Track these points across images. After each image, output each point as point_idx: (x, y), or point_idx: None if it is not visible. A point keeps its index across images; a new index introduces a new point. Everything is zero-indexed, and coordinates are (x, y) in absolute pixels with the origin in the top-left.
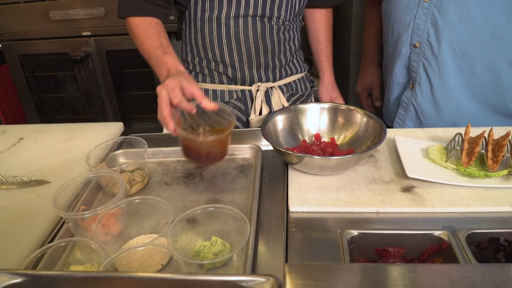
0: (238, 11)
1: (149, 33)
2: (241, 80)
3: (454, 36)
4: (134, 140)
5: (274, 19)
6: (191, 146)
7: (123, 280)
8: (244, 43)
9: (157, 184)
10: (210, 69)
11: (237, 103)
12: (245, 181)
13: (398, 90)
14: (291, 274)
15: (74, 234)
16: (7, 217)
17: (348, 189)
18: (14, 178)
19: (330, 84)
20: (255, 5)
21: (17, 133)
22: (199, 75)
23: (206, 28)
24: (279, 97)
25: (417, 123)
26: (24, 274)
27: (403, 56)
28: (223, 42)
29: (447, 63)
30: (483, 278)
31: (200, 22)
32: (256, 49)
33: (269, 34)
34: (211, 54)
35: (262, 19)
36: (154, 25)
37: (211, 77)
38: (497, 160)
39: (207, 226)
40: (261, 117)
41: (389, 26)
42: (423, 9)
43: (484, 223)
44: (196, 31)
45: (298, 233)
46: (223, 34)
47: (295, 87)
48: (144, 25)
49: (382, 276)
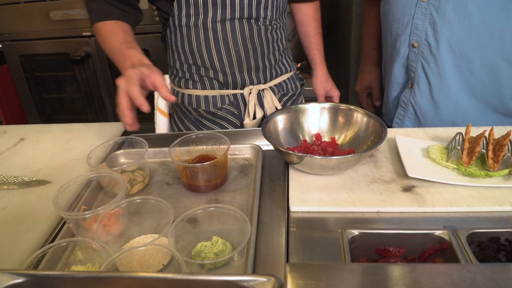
0: (224, 15)
1: (115, 30)
2: (233, 84)
3: (452, 35)
4: (135, 140)
5: (261, 20)
6: (191, 175)
7: (124, 280)
8: (233, 46)
9: (158, 184)
10: (200, 75)
11: (230, 108)
12: (245, 181)
13: (397, 89)
14: (292, 274)
15: (75, 234)
16: (8, 217)
17: (349, 189)
18: (15, 178)
19: (323, 76)
20: (241, 7)
21: (18, 133)
22: (189, 81)
23: (192, 34)
24: (271, 98)
25: (416, 123)
26: (25, 274)
27: (402, 56)
28: (212, 47)
29: (445, 63)
30: (484, 277)
31: (186, 29)
32: (246, 51)
33: (257, 35)
34: (200, 60)
35: (249, 21)
36: (121, 24)
37: (202, 83)
38: (497, 159)
39: (208, 226)
40: (256, 121)
41: (388, 26)
42: (421, 9)
43: (484, 222)
44: (183, 37)
45: (298, 233)
46: (211, 39)
47: (286, 87)
48: (111, 25)
49: (383, 276)
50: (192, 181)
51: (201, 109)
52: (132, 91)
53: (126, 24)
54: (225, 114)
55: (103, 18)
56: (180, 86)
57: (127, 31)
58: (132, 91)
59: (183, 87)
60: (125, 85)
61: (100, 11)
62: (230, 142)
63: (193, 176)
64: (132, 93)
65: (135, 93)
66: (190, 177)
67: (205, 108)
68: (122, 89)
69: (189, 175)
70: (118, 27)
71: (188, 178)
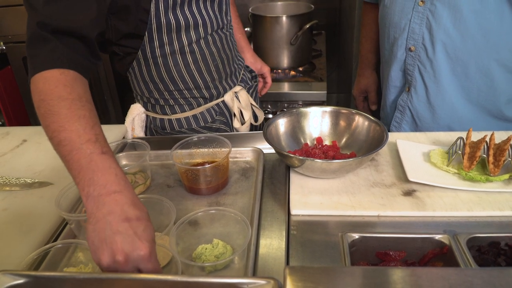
0: (198, 34)
1: (79, 113)
2: (216, 95)
3: (448, 39)
4: (137, 142)
5: (225, 27)
6: (192, 178)
7: (125, 281)
8: (211, 61)
9: (160, 186)
10: (185, 97)
11: (220, 118)
12: (246, 183)
13: (395, 93)
14: (292, 277)
15: (76, 235)
16: (10, 219)
17: (350, 193)
18: (17, 179)
19: (252, 57)
20: (210, 22)
21: (21, 135)
22: (174, 106)
23: (170, 62)
24: (246, 96)
25: (413, 126)
26: (26, 275)
27: (399, 59)
28: (192, 69)
29: (441, 67)
30: (482, 281)
31: (161, 58)
32: (222, 61)
33: (226, 43)
34: (182, 84)
35: (218, 31)
36: (83, 96)
37: (189, 104)
38: (498, 164)
39: (209, 229)
40: (247, 124)
41: (385, 30)
42: (418, 13)
43: (485, 227)
44: (158, 67)
45: (299, 236)
46: (190, 61)
47: (246, 80)
48: (66, 83)
49: (382, 279)
50: (194, 183)
51: (195, 127)
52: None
53: (85, 85)
54: (218, 125)
55: (56, 64)
56: (166, 113)
57: (93, 113)
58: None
59: (170, 114)
60: (108, 264)
61: (51, 56)
62: (232, 145)
63: (194, 179)
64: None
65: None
66: (191, 180)
67: (196, 125)
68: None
69: (190, 178)
70: (83, 107)
71: (189, 181)
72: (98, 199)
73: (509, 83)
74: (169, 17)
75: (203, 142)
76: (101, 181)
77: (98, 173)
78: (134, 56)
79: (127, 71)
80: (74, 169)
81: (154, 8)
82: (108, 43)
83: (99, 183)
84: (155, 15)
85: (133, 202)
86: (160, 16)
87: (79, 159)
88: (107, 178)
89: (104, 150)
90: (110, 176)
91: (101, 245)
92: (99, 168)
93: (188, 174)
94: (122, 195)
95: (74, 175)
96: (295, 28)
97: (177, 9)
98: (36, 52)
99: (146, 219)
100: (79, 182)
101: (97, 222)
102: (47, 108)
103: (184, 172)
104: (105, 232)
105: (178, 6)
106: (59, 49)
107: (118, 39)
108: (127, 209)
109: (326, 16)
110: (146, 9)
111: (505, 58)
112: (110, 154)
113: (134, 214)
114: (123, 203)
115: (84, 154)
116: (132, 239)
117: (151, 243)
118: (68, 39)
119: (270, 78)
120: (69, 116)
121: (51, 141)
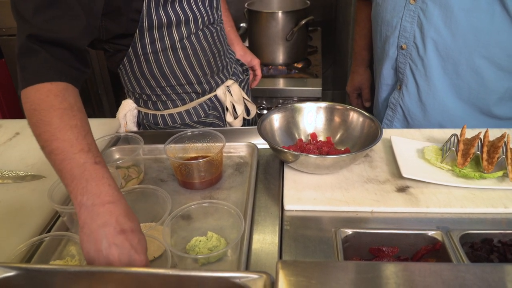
0: (189, 30)
1: (71, 123)
2: (209, 90)
3: (439, 38)
4: (130, 136)
5: (215, 22)
6: (185, 173)
7: (116, 274)
8: (203, 56)
9: (153, 180)
10: (177, 93)
11: (213, 113)
12: (240, 178)
13: (386, 91)
14: (284, 271)
15: (69, 228)
16: (2, 211)
17: (343, 188)
18: (9, 172)
19: (241, 50)
20: (201, 18)
21: (14, 128)
22: (167, 102)
23: (161, 58)
24: (238, 90)
25: (404, 124)
26: (17, 267)
27: (391, 57)
28: (184, 64)
29: (432, 65)
30: (475, 277)
31: (152, 55)
32: (213, 56)
33: (217, 37)
34: (175, 80)
35: (208, 26)
36: (75, 105)
37: (181, 100)
38: (492, 161)
39: (202, 223)
40: (240, 118)
41: (378, 27)
42: (409, 11)
43: (478, 224)
44: (150, 64)
45: (292, 231)
46: (181, 57)
47: (238, 74)
48: (59, 102)
49: (375, 274)
50: (187, 178)
51: (188, 122)
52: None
53: (76, 95)
54: (211, 119)
55: (46, 77)
56: (159, 109)
57: (85, 123)
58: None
59: (162, 109)
60: (115, 258)
61: (42, 69)
62: (226, 140)
63: (188, 173)
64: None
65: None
66: (185, 174)
67: (190, 120)
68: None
69: (184, 172)
70: (74, 116)
71: (183, 175)
72: (92, 209)
73: (499, 81)
74: (160, 14)
75: (197, 137)
76: (95, 190)
77: (92, 183)
78: (124, 53)
79: (118, 67)
80: (67, 178)
81: (146, 7)
82: (97, 41)
83: (93, 192)
84: (147, 14)
85: (127, 213)
86: (151, 14)
87: (72, 169)
88: (100, 188)
89: (97, 160)
90: (103, 186)
91: (97, 256)
92: (92, 177)
93: (181, 168)
94: (116, 206)
95: (67, 184)
96: (291, 24)
97: (167, 6)
98: (26, 64)
99: (139, 231)
100: (72, 190)
101: (91, 233)
102: (38, 117)
103: (177, 166)
104: (101, 244)
105: (169, 3)
106: (49, 62)
107: (109, 38)
108: (121, 221)
109: (322, 13)
110: (138, 9)
111: (495, 56)
112: (103, 164)
113: (129, 226)
114: (118, 214)
115: (77, 163)
116: (128, 252)
117: (146, 255)
118: (58, 50)
119: (260, 71)
120: (61, 126)
121: (43, 149)
